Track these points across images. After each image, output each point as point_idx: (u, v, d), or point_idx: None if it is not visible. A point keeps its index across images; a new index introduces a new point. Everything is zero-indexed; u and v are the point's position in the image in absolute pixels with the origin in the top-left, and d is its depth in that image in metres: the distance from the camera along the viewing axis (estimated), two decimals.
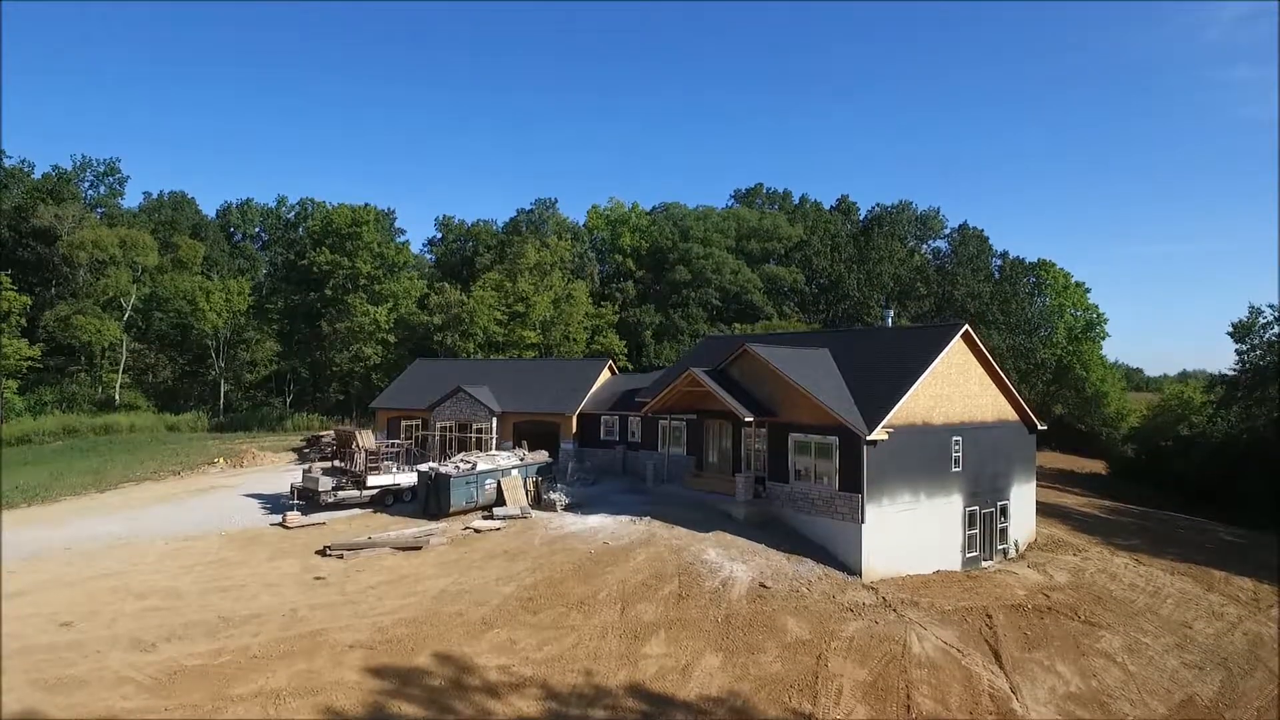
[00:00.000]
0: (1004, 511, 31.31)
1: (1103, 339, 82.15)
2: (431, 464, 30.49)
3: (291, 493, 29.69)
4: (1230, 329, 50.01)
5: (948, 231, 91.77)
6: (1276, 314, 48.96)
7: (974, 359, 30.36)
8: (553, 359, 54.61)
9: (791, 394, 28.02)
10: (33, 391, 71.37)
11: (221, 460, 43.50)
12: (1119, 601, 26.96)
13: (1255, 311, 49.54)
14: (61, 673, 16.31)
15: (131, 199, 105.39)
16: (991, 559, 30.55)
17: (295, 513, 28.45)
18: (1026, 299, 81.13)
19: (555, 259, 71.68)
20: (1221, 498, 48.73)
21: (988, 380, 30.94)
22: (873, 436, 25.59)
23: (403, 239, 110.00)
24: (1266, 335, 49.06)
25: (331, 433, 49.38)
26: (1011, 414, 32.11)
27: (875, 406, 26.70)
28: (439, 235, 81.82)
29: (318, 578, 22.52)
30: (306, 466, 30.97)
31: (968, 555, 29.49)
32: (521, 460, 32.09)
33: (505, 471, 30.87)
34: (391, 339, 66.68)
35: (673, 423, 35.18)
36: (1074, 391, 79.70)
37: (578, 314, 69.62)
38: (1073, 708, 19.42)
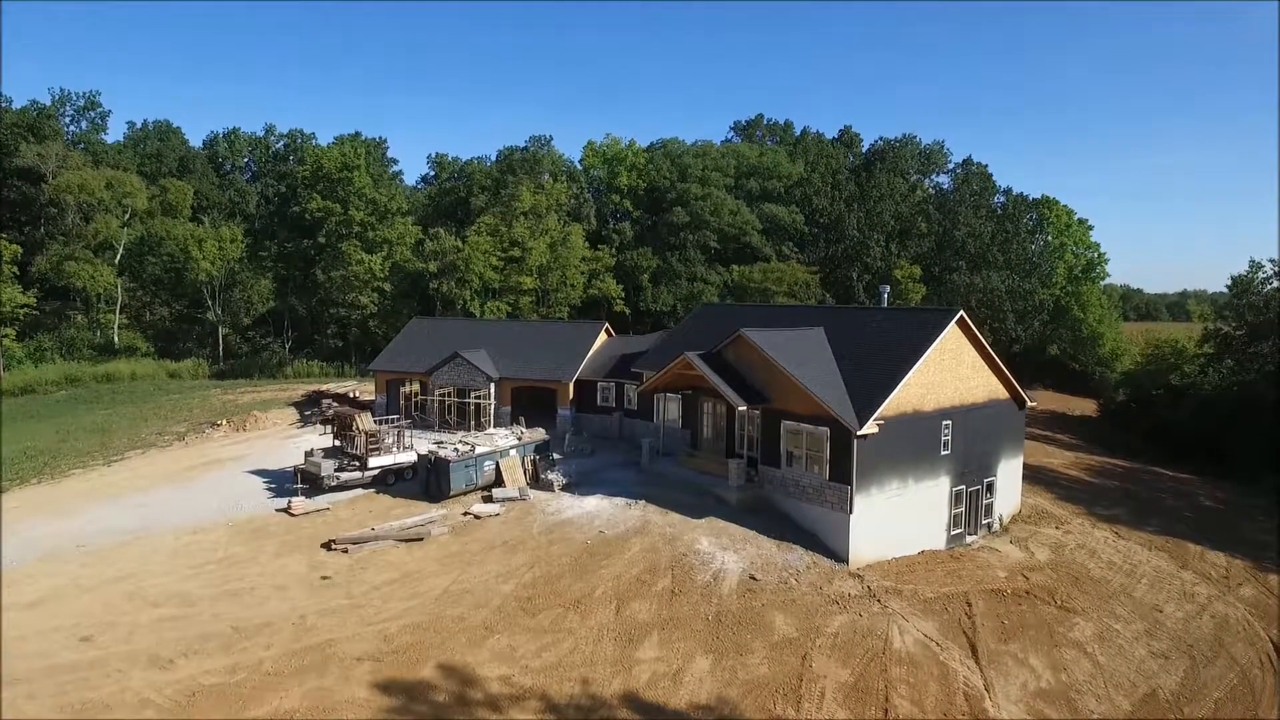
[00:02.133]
0: (990, 488, 32.13)
1: (1102, 279, 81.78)
2: (431, 448, 31.07)
3: (295, 476, 30.38)
4: (1229, 284, 49.84)
5: (951, 166, 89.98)
6: (1276, 269, 48.72)
7: (967, 343, 30.52)
8: (550, 321, 54.56)
9: (785, 382, 28.32)
10: (32, 338, 71.57)
11: (225, 423, 44.14)
12: (1095, 582, 28.07)
13: (1255, 266, 49.26)
14: (86, 696, 17.26)
15: (115, 130, 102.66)
16: (976, 533, 31.56)
17: (299, 498, 29.20)
18: (1028, 237, 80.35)
19: (551, 202, 70.55)
20: (1208, 451, 49.81)
21: (980, 363, 31.19)
22: (863, 431, 26.05)
23: (395, 168, 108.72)
24: (1265, 290, 48.96)
25: (332, 397, 49.96)
26: (1002, 393, 32.51)
27: (867, 398, 27.05)
28: (432, 173, 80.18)
29: (324, 577, 23.40)
30: (309, 450, 31.54)
31: (953, 533, 30.46)
32: (519, 440, 32.68)
33: (504, 452, 31.50)
34: (387, 287, 66.41)
35: (668, 396, 35.60)
36: (1070, 331, 79.99)
37: (574, 258, 69.09)
38: (1042, 706, 20.60)
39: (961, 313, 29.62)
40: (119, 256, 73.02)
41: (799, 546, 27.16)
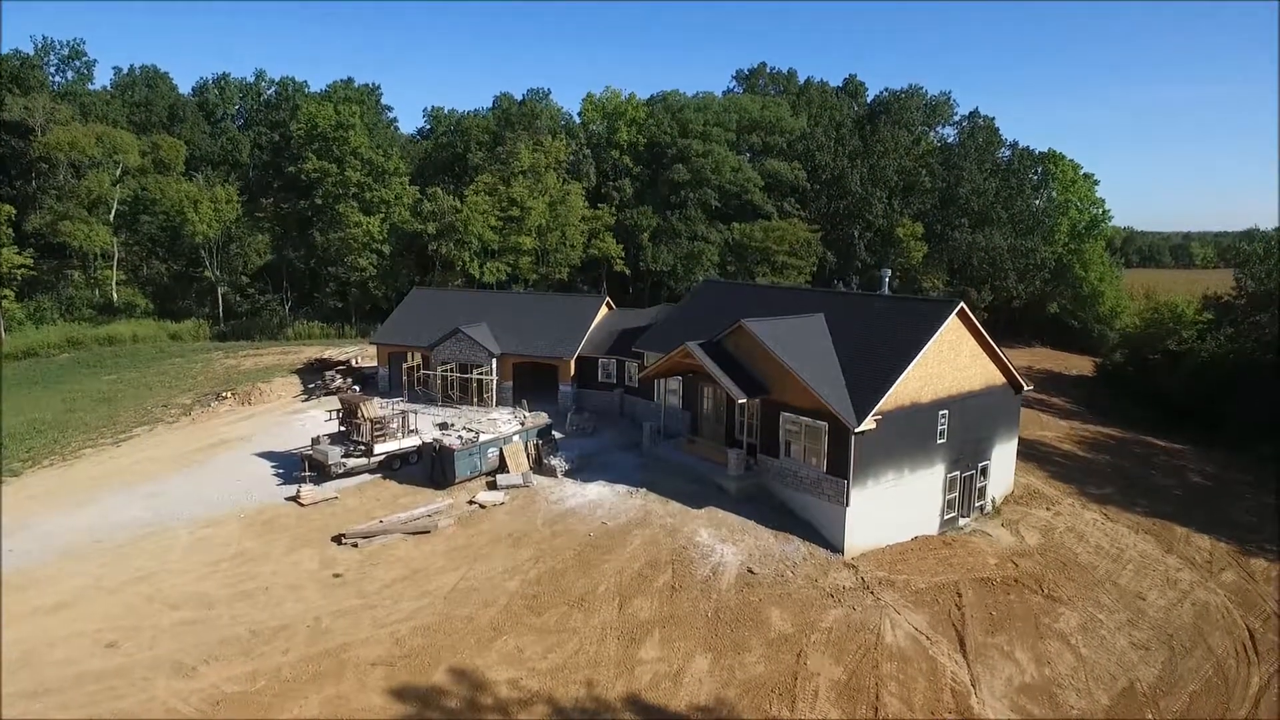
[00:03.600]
0: (984, 471, 32.78)
1: (1105, 237, 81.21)
2: (436, 436, 31.58)
3: (302, 463, 30.96)
4: (1231, 253, 49.60)
5: (957, 118, 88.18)
6: (1278, 239, 48.51)
7: (966, 332, 30.69)
8: (551, 294, 54.43)
9: (785, 375, 28.63)
10: (31, 299, 71.47)
11: (230, 396, 44.57)
12: (1082, 568, 28.98)
13: (1259, 237, 48.93)
14: (114, 705, 18.14)
15: (101, 76, 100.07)
16: (969, 515, 32.35)
17: (308, 486, 29.83)
18: (1032, 193, 79.47)
19: (550, 160, 69.48)
20: (1201, 419, 50.54)
21: (978, 350, 31.43)
22: (861, 428, 26.50)
23: (390, 115, 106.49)
24: (1269, 262, 48.86)
25: (334, 366, 50.24)
26: (999, 378, 32.85)
27: (865, 393, 27.41)
28: (428, 128, 78.57)
29: (336, 575, 24.17)
30: (316, 437, 32.06)
31: (946, 517, 31.23)
32: (522, 425, 33.17)
33: (507, 439, 32.03)
34: (386, 249, 66.00)
35: (669, 378, 35.94)
36: (1071, 289, 79.92)
37: (574, 218, 68.45)
38: (1024, 701, 21.61)
39: (961, 304, 29.72)
40: (113, 214, 72.29)
41: (796, 537, 27.94)
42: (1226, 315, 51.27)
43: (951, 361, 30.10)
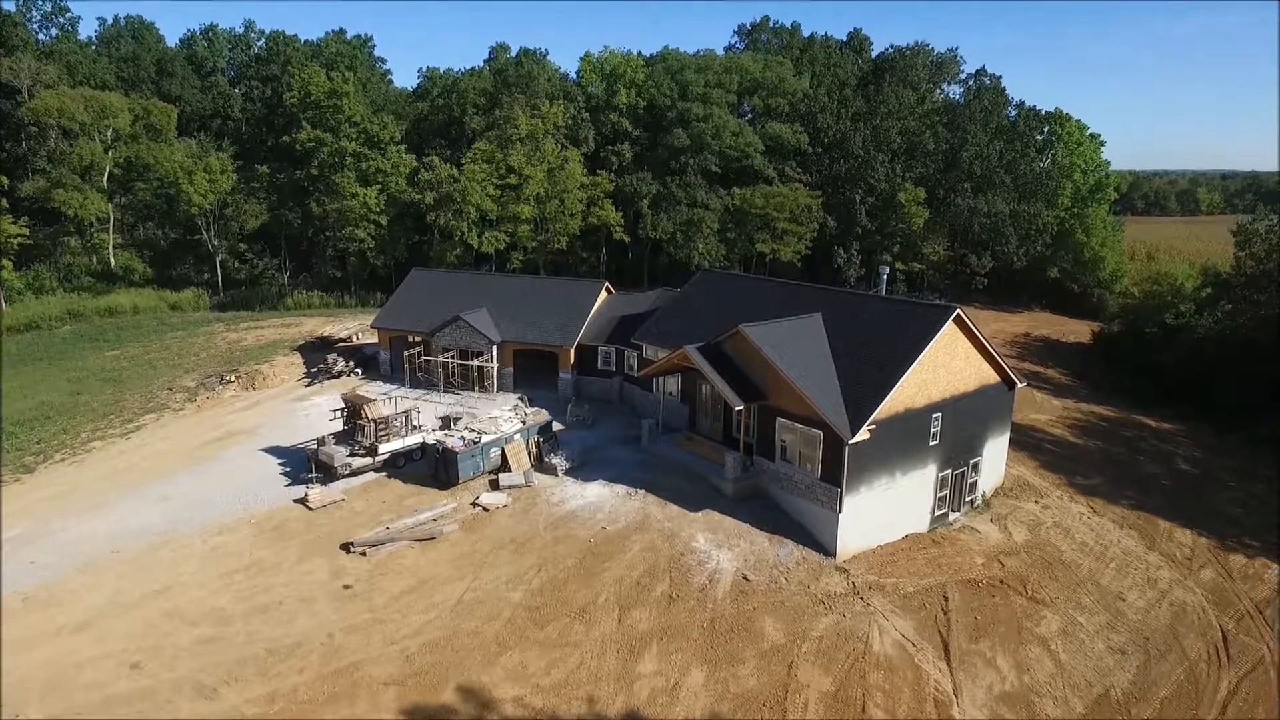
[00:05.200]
0: (975, 468, 33.55)
1: (1109, 201, 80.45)
2: (439, 437, 32.23)
3: (309, 465, 31.70)
4: (1232, 230, 49.44)
5: (964, 76, 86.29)
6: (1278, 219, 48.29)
7: (961, 336, 30.99)
8: (551, 279, 54.35)
9: (781, 382, 29.09)
10: (29, 268, 71.35)
11: (235, 381, 45.11)
12: (1066, 567, 29.98)
13: (1260, 214, 48.62)
14: None
15: (86, 27, 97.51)
16: (960, 510, 33.24)
17: (315, 488, 30.60)
18: (1036, 156, 78.39)
19: (549, 126, 68.41)
20: (1193, 395, 51.23)
21: (973, 353, 31.78)
22: (855, 440, 27.10)
23: (384, 67, 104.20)
24: (1270, 240, 48.72)
25: (335, 347, 50.59)
26: (993, 377, 33.29)
27: (860, 403, 27.92)
28: (423, 89, 77.00)
29: (346, 586, 25.11)
30: (321, 438, 32.71)
31: (937, 514, 32.11)
32: (524, 423, 33.78)
33: (508, 438, 32.69)
34: (383, 220, 65.58)
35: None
36: (1072, 254, 79.61)
37: (572, 185, 67.76)
38: (1003, 710, 22.78)
39: (958, 311, 29.95)
40: (105, 179, 71.53)
41: (790, 540, 28.85)
42: (1226, 291, 51.36)
43: (946, 365, 30.51)
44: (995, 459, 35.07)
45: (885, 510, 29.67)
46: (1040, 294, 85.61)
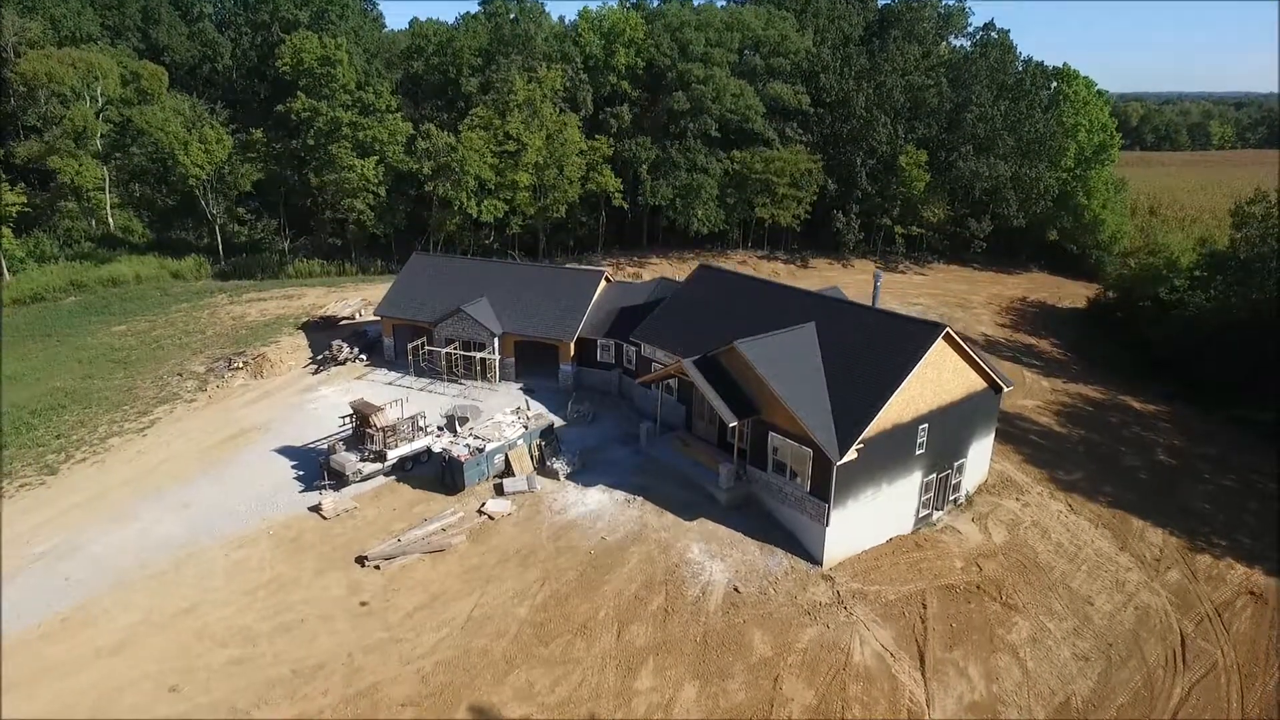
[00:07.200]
0: (959, 469, 34.97)
1: (1112, 162, 79.71)
2: (445, 445, 33.54)
3: (321, 473, 33.14)
4: (1231, 210, 49.56)
5: (971, 30, 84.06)
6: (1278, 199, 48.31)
7: (950, 350, 31.86)
8: (551, 267, 54.49)
9: (774, 400, 30.16)
10: (29, 235, 71.37)
11: (243, 367, 46.19)
12: (1041, 569, 31.74)
13: (1259, 196, 48.63)
14: None
15: None
16: (943, 509, 34.82)
17: (328, 495, 32.10)
18: (1040, 116, 77.27)
19: (547, 91, 67.37)
20: (1181, 372, 52.48)
21: (960, 364, 32.71)
22: (843, 461, 28.39)
23: (375, 9, 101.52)
24: (1267, 223, 48.91)
25: (339, 329, 51.32)
26: (980, 384, 34.31)
27: (849, 423, 29.05)
28: (417, 46, 75.12)
29: (363, 603, 26.83)
30: (331, 446, 34.00)
31: (920, 515, 33.68)
32: (526, 428, 35.03)
33: (511, 444, 34.02)
34: (382, 191, 65.34)
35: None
36: (1072, 216, 79.44)
37: (571, 151, 67.24)
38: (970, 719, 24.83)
39: (947, 329, 30.77)
40: (98, 139, 70.77)
41: (779, 549, 30.51)
42: (1221, 271, 51.87)
43: (934, 380, 31.52)
44: (980, 458, 36.45)
45: (871, 518, 31.21)
46: (1039, 254, 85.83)
